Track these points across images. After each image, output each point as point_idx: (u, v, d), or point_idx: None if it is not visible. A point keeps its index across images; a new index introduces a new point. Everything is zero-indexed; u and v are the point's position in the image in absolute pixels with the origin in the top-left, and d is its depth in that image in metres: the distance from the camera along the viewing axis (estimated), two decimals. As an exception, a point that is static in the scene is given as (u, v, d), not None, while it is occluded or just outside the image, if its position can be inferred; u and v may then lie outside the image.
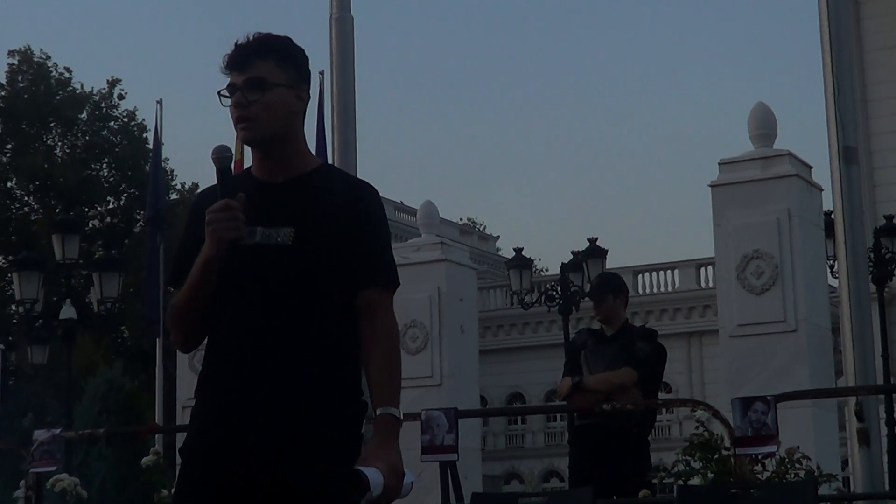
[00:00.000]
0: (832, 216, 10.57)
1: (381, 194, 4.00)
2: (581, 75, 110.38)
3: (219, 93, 3.88)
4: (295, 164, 3.93)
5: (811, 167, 15.05)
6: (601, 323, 9.48)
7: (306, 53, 3.99)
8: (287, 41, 3.96)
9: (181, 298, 3.85)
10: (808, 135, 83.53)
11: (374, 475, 3.64)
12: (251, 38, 3.89)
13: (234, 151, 3.91)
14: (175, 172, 51.35)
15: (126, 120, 50.96)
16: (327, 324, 3.79)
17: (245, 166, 4.06)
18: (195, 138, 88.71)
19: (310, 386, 3.73)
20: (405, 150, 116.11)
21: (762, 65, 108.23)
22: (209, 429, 3.78)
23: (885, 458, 16.40)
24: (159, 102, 21.28)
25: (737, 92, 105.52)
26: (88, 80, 74.26)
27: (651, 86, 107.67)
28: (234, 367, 3.77)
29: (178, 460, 3.94)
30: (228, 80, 3.89)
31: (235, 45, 3.88)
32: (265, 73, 3.85)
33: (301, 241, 3.79)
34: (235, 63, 3.86)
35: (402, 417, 3.81)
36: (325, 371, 3.76)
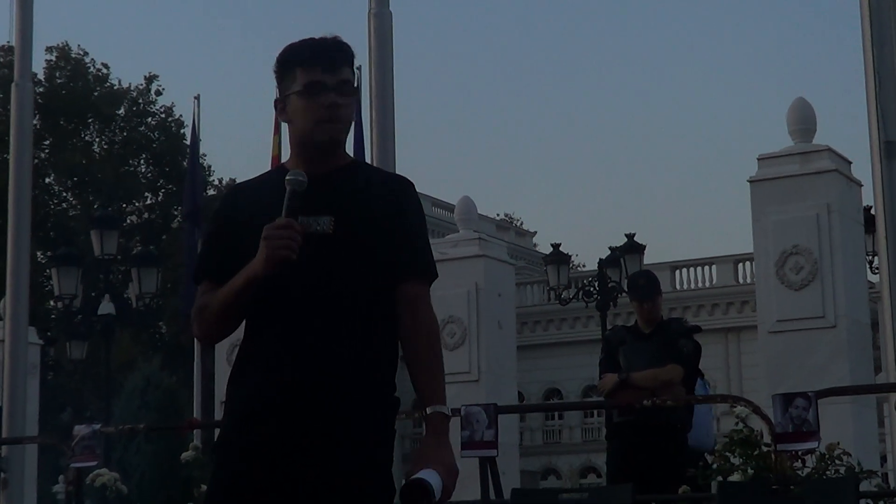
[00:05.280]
0: (872, 212, 10.49)
1: (418, 190, 4.00)
2: (620, 70, 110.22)
3: (305, 84, 3.82)
4: (335, 160, 3.93)
5: (851, 162, 14.97)
6: (644, 322, 9.45)
7: None
8: (352, 49, 4.00)
9: (216, 304, 3.83)
10: (848, 130, 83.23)
11: (435, 479, 3.59)
12: (331, 39, 3.90)
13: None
14: (212, 168, 51.38)
15: (163, 116, 51.04)
16: (367, 315, 3.75)
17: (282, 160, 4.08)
18: (232, 134, 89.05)
19: (348, 381, 3.69)
20: (443, 146, 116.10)
21: (802, 60, 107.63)
22: (247, 426, 3.73)
23: (926, 455, 16.30)
24: (197, 98, 21.38)
25: (776, 87, 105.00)
26: (126, 76, 74.17)
27: (690, 81, 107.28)
28: (271, 359, 3.73)
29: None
30: (303, 73, 3.84)
31: (321, 42, 3.89)
32: (350, 79, 3.91)
33: (341, 229, 3.77)
34: (326, 62, 3.86)
35: (450, 414, 3.79)
36: (363, 365, 3.72)
